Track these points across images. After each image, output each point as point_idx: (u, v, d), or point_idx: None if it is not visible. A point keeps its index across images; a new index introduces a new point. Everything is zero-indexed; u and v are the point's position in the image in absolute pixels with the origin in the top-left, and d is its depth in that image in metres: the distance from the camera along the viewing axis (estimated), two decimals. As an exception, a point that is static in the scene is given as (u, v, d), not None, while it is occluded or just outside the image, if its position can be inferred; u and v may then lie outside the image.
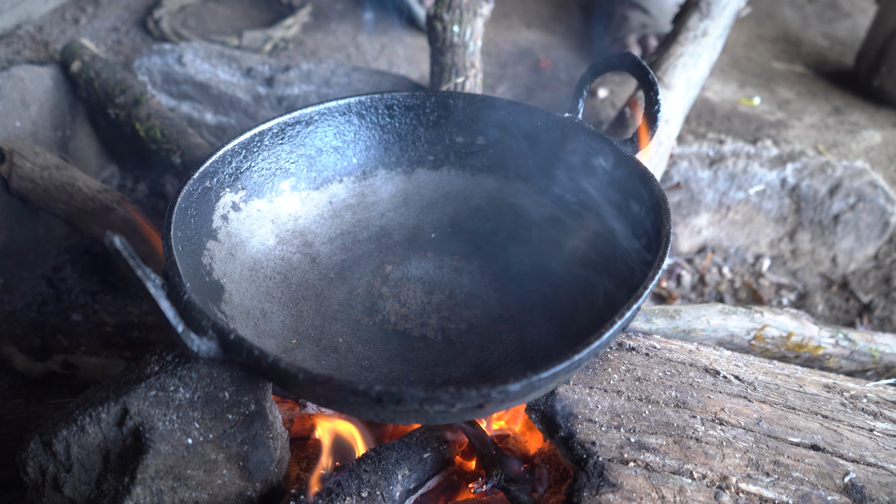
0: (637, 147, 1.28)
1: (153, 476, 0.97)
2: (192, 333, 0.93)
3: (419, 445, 1.16)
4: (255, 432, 1.03)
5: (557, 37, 2.75)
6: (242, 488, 1.03)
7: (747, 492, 1.04)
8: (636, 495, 1.01)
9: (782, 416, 1.15)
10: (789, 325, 1.53)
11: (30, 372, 1.62)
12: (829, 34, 2.89)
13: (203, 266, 1.20)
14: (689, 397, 1.16)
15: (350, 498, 1.05)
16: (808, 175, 2.15)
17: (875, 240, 2.22)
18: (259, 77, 2.10)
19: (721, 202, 2.21)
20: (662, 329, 1.44)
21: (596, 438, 1.07)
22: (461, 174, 1.52)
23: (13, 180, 1.76)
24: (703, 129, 2.22)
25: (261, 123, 1.34)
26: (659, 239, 1.12)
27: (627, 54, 1.29)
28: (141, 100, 1.89)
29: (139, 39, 2.33)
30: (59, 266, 1.95)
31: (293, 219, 1.42)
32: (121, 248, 0.86)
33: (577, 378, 1.16)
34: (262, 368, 0.94)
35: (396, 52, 2.55)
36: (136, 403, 0.99)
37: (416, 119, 1.49)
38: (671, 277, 2.22)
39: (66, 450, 1.00)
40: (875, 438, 1.15)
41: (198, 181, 1.22)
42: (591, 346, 0.95)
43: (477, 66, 1.83)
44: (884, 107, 2.46)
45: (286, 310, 1.31)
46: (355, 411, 1.01)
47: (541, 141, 1.42)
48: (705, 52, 1.96)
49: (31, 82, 1.90)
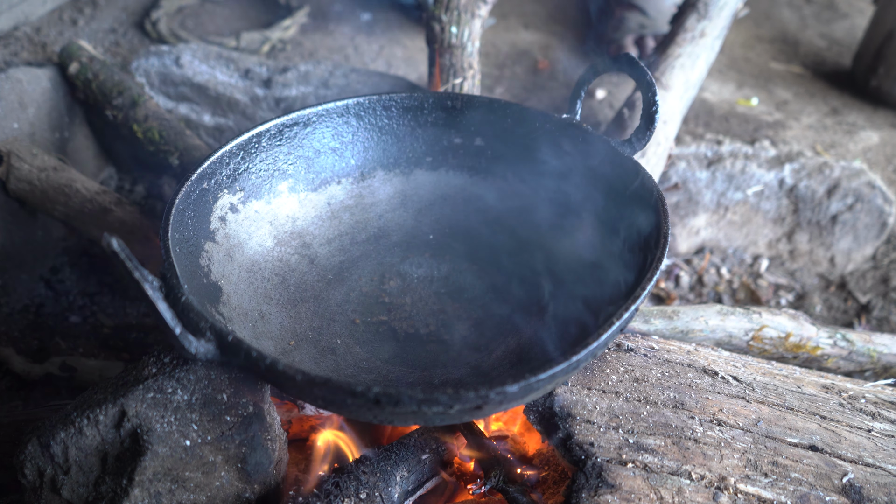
0: (635, 148, 1.29)
1: (151, 478, 0.97)
2: (189, 335, 0.93)
3: (417, 447, 1.16)
4: (253, 434, 1.03)
5: (555, 38, 2.75)
6: (241, 490, 1.03)
7: (746, 492, 1.04)
8: (634, 496, 1.01)
9: (780, 417, 1.16)
10: (787, 325, 1.53)
11: (27, 374, 1.62)
12: (827, 35, 2.90)
13: (201, 268, 1.20)
14: (687, 398, 1.16)
15: (348, 499, 1.05)
16: (805, 176, 2.16)
17: (873, 240, 2.23)
18: (257, 78, 2.10)
19: (719, 203, 2.21)
20: (661, 330, 1.44)
21: (594, 439, 1.07)
22: (459, 175, 1.52)
23: (11, 182, 1.76)
24: (701, 129, 2.23)
25: (259, 125, 1.34)
26: (657, 239, 1.12)
27: (625, 55, 1.29)
28: (139, 101, 1.88)
29: (137, 41, 2.33)
30: (56, 268, 1.95)
31: (291, 220, 1.41)
32: (118, 250, 0.86)
33: (575, 379, 1.16)
34: (260, 370, 0.94)
35: (394, 53, 2.55)
36: (133, 405, 0.99)
37: (414, 120, 1.48)
38: (669, 278, 2.22)
39: (64, 452, 0.99)
40: (873, 439, 1.15)
41: (195, 183, 1.22)
42: (589, 348, 0.95)
43: (475, 67, 1.83)
44: (881, 107, 2.47)
45: (284, 311, 1.31)
46: (353, 413, 1.01)
47: (539, 142, 1.42)
48: (703, 53, 1.96)
49: (29, 84, 1.90)
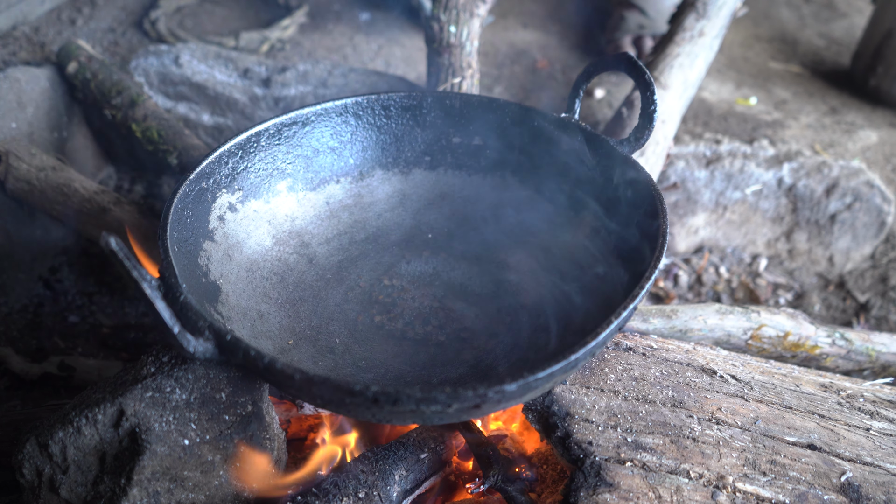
0: (634, 147, 1.29)
1: (150, 477, 0.97)
2: (188, 334, 0.93)
3: (416, 446, 1.16)
4: (251, 433, 1.03)
5: (554, 37, 2.75)
6: (239, 489, 1.03)
7: (744, 491, 1.04)
8: (633, 495, 1.01)
9: (779, 416, 1.16)
10: (786, 324, 1.53)
11: (26, 374, 1.62)
12: (826, 34, 2.90)
13: (199, 267, 1.20)
14: (685, 397, 1.16)
15: (347, 498, 1.05)
16: (804, 175, 2.16)
17: (872, 239, 2.23)
18: (256, 78, 2.10)
19: (718, 202, 2.21)
20: (659, 329, 1.44)
21: (593, 438, 1.07)
22: (458, 175, 1.52)
23: (9, 181, 1.76)
24: (699, 129, 2.23)
25: (257, 124, 1.34)
26: (656, 239, 1.13)
27: (624, 54, 1.29)
28: (137, 101, 1.88)
29: (136, 40, 2.33)
30: (55, 267, 1.95)
31: (290, 220, 1.41)
32: (117, 249, 0.86)
33: (573, 378, 1.16)
34: (258, 369, 0.94)
35: (393, 52, 2.55)
36: (132, 405, 0.99)
37: (413, 120, 1.48)
38: (668, 277, 2.22)
39: (63, 451, 0.99)
40: (872, 438, 1.16)
41: (194, 182, 1.22)
42: (587, 346, 0.95)
43: (474, 66, 1.83)
44: (880, 107, 2.47)
45: (283, 311, 1.31)
46: (352, 412, 1.01)
47: (538, 141, 1.42)
48: (702, 53, 1.96)
49: (28, 83, 1.90)
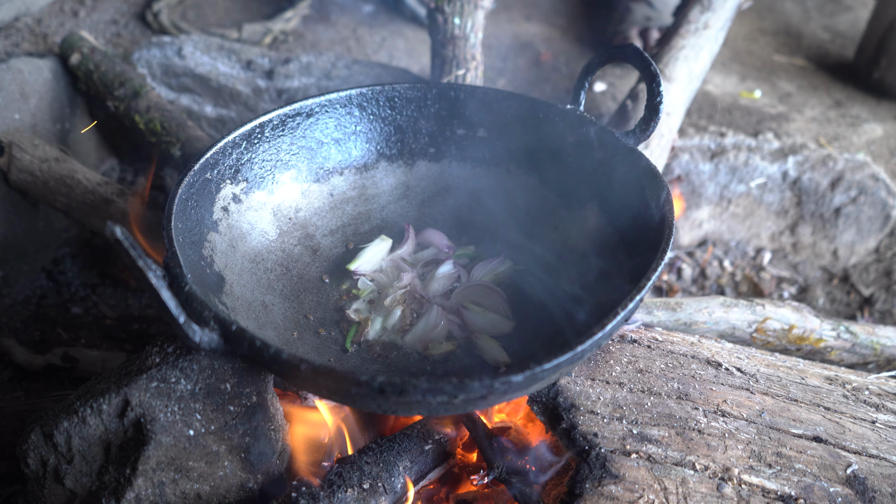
0: (639, 139, 1.28)
1: (154, 467, 0.97)
2: (193, 324, 0.93)
3: (420, 437, 1.16)
4: (256, 424, 1.03)
5: (558, 30, 2.74)
6: (244, 480, 1.03)
7: (750, 483, 1.03)
8: (638, 486, 1.01)
9: (784, 408, 1.15)
10: (791, 317, 1.53)
11: (30, 365, 1.62)
12: (830, 27, 2.89)
13: (204, 258, 1.20)
14: (691, 389, 1.15)
15: (352, 489, 1.04)
16: (809, 168, 2.15)
17: (876, 233, 2.22)
18: (259, 70, 2.09)
19: (722, 195, 2.21)
20: (664, 321, 1.44)
21: (598, 430, 1.07)
22: (462, 166, 1.51)
23: (12, 173, 1.75)
24: (704, 121, 2.22)
25: (261, 115, 1.34)
26: (661, 231, 1.12)
27: (629, 46, 1.29)
28: (140, 92, 1.88)
29: (138, 32, 2.32)
30: (58, 259, 1.95)
31: (294, 211, 1.41)
32: (122, 239, 0.85)
33: (579, 370, 1.16)
34: (263, 360, 0.94)
35: (397, 44, 2.54)
36: (137, 395, 0.99)
37: (417, 111, 1.48)
38: (672, 271, 2.22)
39: (68, 441, 0.99)
40: (877, 430, 1.15)
41: (198, 173, 1.22)
42: (593, 338, 0.95)
43: (478, 58, 1.82)
44: (885, 100, 2.46)
45: (287, 302, 1.30)
46: (357, 403, 1.01)
47: (543, 133, 1.42)
48: (707, 45, 1.96)
49: (30, 75, 1.89)
